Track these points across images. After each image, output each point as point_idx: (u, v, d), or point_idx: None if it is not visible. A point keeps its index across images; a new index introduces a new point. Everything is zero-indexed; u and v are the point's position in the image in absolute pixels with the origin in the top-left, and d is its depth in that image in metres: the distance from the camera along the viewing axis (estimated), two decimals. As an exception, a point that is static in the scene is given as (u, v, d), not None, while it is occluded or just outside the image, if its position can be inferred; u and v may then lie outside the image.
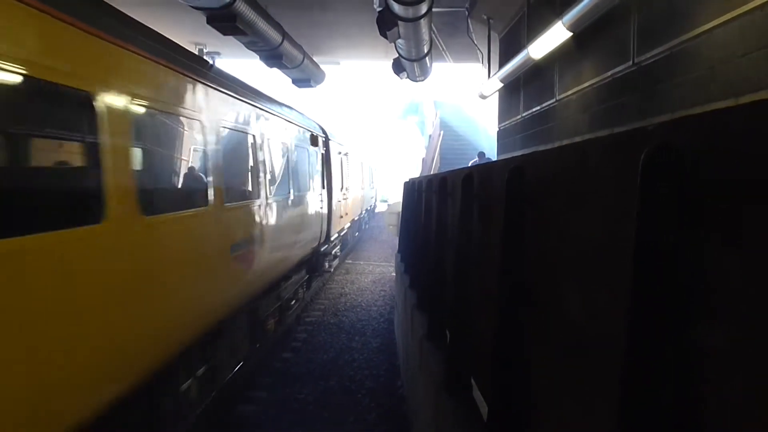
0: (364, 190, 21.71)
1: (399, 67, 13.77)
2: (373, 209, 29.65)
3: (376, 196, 31.07)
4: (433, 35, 12.02)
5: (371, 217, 27.97)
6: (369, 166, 24.63)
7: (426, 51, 12.09)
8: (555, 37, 7.72)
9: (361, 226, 23.10)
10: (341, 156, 14.46)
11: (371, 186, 26.72)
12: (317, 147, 10.95)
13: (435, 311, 4.30)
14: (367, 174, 23.74)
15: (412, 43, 10.98)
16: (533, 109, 10.81)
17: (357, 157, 19.09)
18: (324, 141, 11.83)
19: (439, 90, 31.72)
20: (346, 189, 15.29)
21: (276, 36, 10.31)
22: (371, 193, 27.10)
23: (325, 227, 11.55)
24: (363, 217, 22.96)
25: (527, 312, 2.01)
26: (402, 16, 8.87)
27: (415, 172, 21.98)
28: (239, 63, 16.37)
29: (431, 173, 14.29)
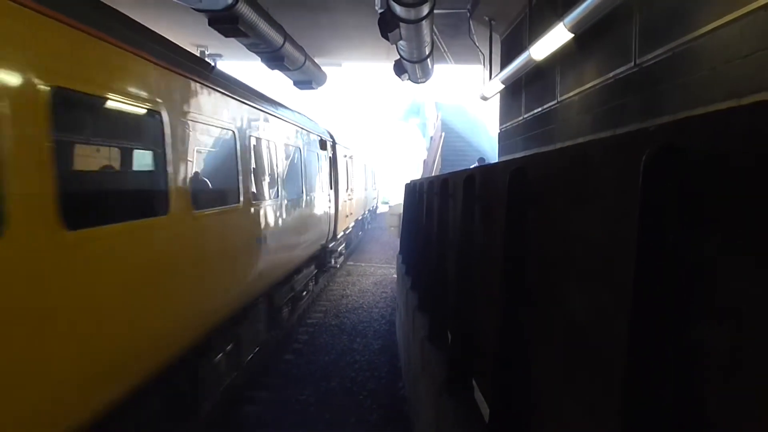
0: (366, 191, 22.29)
1: (400, 69, 13.76)
2: (375, 210, 30.02)
3: (377, 197, 31.31)
4: (435, 37, 12.01)
5: (373, 218, 28.15)
6: (371, 167, 24.93)
7: (427, 53, 12.09)
8: (557, 39, 7.72)
9: (364, 225, 23.53)
10: (346, 159, 15.08)
11: (373, 187, 27.21)
12: (326, 150, 11.59)
13: (436, 312, 4.30)
14: (370, 175, 24.10)
15: (413, 45, 10.98)
16: (535, 111, 10.80)
17: (360, 160, 19.59)
18: (332, 145, 12.48)
19: (441, 92, 31.81)
20: (351, 190, 15.90)
21: (277, 38, 10.32)
22: (373, 194, 27.59)
23: (333, 225, 12.32)
24: (366, 217, 23.53)
25: (528, 313, 2.01)
26: (403, 17, 8.86)
27: (417, 173, 22.02)
28: (241, 65, 16.40)
29: (432, 175, 14.31)
